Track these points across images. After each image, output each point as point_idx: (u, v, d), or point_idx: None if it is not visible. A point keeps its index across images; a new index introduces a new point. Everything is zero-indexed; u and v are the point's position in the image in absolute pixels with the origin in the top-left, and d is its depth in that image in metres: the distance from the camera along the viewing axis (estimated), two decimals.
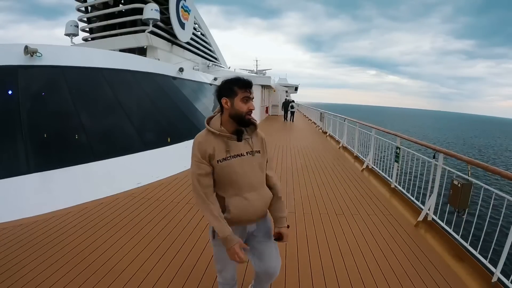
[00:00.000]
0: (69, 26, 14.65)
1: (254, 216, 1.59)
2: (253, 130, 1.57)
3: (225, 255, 1.54)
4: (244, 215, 1.54)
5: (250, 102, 1.47)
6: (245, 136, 1.53)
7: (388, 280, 2.39)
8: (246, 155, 1.51)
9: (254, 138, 1.57)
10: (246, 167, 1.51)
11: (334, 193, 4.67)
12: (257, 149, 1.56)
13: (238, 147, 1.50)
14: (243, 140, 1.51)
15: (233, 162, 1.49)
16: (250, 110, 1.47)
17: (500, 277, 2.36)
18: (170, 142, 6.63)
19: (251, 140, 1.55)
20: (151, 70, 8.51)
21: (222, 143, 1.48)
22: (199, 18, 18.52)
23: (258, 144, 1.58)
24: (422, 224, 3.52)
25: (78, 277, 2.35)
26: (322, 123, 14.56)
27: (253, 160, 1.54)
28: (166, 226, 3.31)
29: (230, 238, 1.46)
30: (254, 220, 1.62)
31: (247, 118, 1.47)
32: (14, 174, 3.98)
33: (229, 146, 1.48)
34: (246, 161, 1.51)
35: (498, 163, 22.50)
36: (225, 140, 1.49)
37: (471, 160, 3.03)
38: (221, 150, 1.47)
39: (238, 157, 1.50)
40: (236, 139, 1.50)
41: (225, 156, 1.47)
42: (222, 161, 1.47)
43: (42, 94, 5.29)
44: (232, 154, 1.49)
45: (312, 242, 3.02)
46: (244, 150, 1.51)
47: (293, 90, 49.63)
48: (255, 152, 1.54)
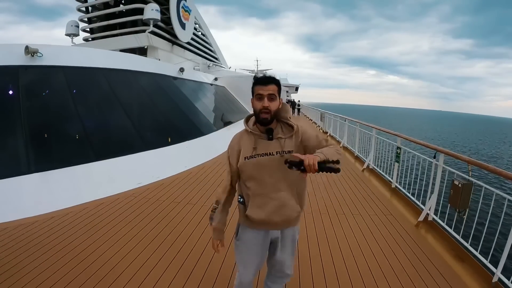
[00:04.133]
0: (70, 26, 14.68)
1: (276, 219, 1.49)
2: (290, 131, 1.49)
3: (241, 257, 1.62)
4: (265, 218, 1.48)
5: (264, 99, 1.40)
6: (279, 135, 1.47)
7: (389, 280, 2.39)
8: (275, 155, 1.45)
9: (289, 139, 1.47)
10: (273, 167, 1.44)
11: (334, 193, 4.67)
12: (290, 149, 1.45)
13: (267, 146, 1.46)
14: (274, 139, 1.46)
15: (259, 161, 1.45)
16: (264, 107, 1.39)
17: (500, 277, 2.35)
18: (170, 142, 6.63)
19: (284, 141, 1.46)
20: (152, 70, 8.53)
21: (251, 141, 1.48)
22: (199, 18, 18.53)
23: (292, 144, 1.46)
24: (422, 224, 3.51)
25: (78, 277, 2.35)
26: (322, 123, 14.56)
27: (282, 161, 1.42)
28: (167, 227, 3.31)
29: (215, 231, 1.62)
30: (276, 225, 1.53)
31: (261, 117, 1.42)
32: (14, 174, 3.98)
33: (256, 144, 1.46)
34: (274, 161, 1.44)
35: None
36: (255, 138, 1.48)
37: (471, 160, 3.02)
38: (248, 148, 1.47)
39: (266, 156, 1.45)
40: (266, 138, 1.46)
41: (251, 154, 1.46)
42: (249, 159, 1.46)
43: (42, 94, 5.30)
44: (260, 153, 1.45)
45: (313, 242, 3.01)
46: (273, 149, 1.45)
47: (294, 90, 49.57)
48: (286, 153, 1.45)
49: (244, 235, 1.58)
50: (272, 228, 1.54)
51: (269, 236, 1.56)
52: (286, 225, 1.55)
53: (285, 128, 1.50)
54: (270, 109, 1.40)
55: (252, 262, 1.60)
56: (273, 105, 1.41)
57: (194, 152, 6.83)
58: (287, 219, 1.52)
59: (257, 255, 1.60)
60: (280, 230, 1.56)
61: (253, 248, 1.57)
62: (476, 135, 50.66)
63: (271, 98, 1.41)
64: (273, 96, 1.41)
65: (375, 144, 6.24)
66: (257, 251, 1.58)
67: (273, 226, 1.53)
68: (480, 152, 28.86)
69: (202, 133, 8.26)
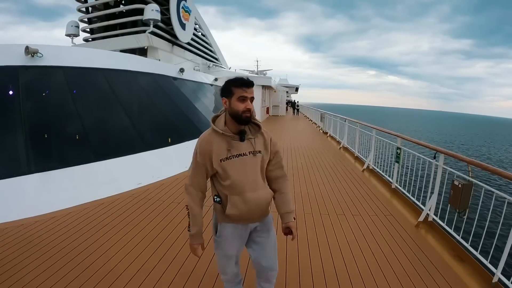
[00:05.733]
0: (70, 27, 14.68)
1: (255, 215, 1.60)
2: (257, 130, 1.59)
3: (223, 252, 1.67)
4: (245, 214, 1.56)
5: (247, 101, 1.48)
6: (248, 136, 1.55)
7: (389, 280, 2.39)
8: (248, 155, 1.53)
9: (258, 139, 1.58)
10: (247, 167, 1.53)
11: (334, 193, 4.67)
12: (259, 149, 1.57)
13: (240, 147, 1.52)
14: (245, 140, 1.54)
15: (235, 162, 1.51)
16: (247, 109, 1.48)
17: (500, 277, 2.35)
18: (170, 142, 6.63)
19: (253, 140, 1.56)
20: (152, 70, 8.52)
21: (224, 142, 1.52)
22: (199, 19, 18.53)
23: (261, 144, 1.59)
24: (422, 225, 3.51)
25: (78, 277, 2.35)
26: (322, 123, 14.56)
27: (255, 160, 1.56)
28: (167, 227, 3.31)
29: (196, 237, 1.61)
30: (255, 219, 1.64)
31: (244, 117, 1.48)
32: (14, 174, 3.98)
33: (231, 146, 1.51)
34: (248, 161, 1.53)
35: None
36: (227, 139, 1.52)
37: (471, 160, 3.02)
38: (222, 150, 1.51)
39: (240, 157, 1.52)
40: (239, 139, 1.52)
41: (227, 155, 1.51)
42: (224, 161, 1.51)
43: (43, 94, 5.30)
44: (234, 154, 1.51)
45: (313, 242, 3.01)
46: (246, 150, 1.53)
47: (294, 90, 49.59)
48: (257, 152, 1.56)
49: (224, 231, 1.64)
50: (251, 222, 1.64)
51: (248, 228, 1.66)
52: (263, 217, 1.66)
53: (252, 128, 1.59)
54: (251, 109, 1.51)
55: (233, 251, 1.68)
56: (252, 105, 1.52)
57: None
58: (263, 213, 1.64)
59: (237, 245, 1.68)
60: (258, 221, 1.67)
61: (234, 240, 1.66)
62: (483, 137, 48.93)
63: (252, 100, 1.51)
64: (253, 98, 1.52)
65: (375, 144, 6.24)
66: (237, 242, 1.67)
67: (253, 220, 1.64)
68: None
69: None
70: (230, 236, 1.64)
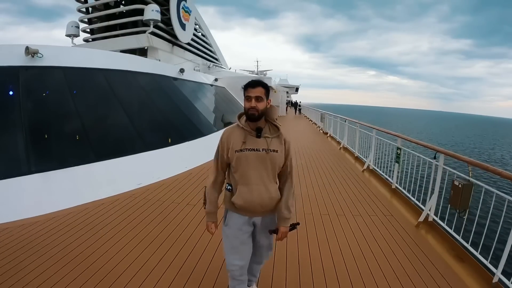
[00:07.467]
0: (70, 27, 14.70)
1: (258, 208, 1.71)
2: (276, 131, 1.72)
3: (229, 240, 1.78)
4: (249, 205, 1.69)
5: (251, 100, 1.62)
6: (266, 134, 1.68)
7: (389, 281, 2.39)
8: (261, 151, 1.66)
9: (274, 139, 1.70)
10: (258, 161, 1.66)
11: (335, 193, 4.67)
12: (275, 148, 1.68)
13: (255, 143, 1.66)
14: (262, 137, 1.66)
15: (247, 155, 1.65)
16: (252, 107, 1.61)
17: (501, 277, 2.35)
18: (170, 142, 6.63)
19: (270, 139, 1.68)
20: (152, 71, 8.53)
21: (242, 136, 1.68)
22: (199, 19, 18.54)
23: (277, 145, 1.70)
24: (423, 225, 3.51)
25: (78, 277, 2.35)
26: (322, 123, 14.56)
27: (267, 157, 1.66)
28: (167, 227, 3.31)
29: (210, 215, 1.81)
30: (258, 213, 1.74)
31: (250, 113, 1.63)
32: (15, 175, 3.99)
33: (246, 139, 1.66)
34: (260, 157, 1.66)
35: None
36: (245, 133, 1.68)
37: (471, 160, 3.02)
38: (239, 142, 1.67)
39: (253, 151, 1.65)
40: (255, 135, 1.66)
41: (241, 147, 1.66)
42: (238, 152, 1.66)
43: (43, 94, 5.30)
44: (248, 147, 1.65)
45: (313, 243, 3.01)
46: (260, 146, 1.66)
47: (294, 91, 49.60)
48: (270, 151, 1.67)
49: (231, 220, 1.78)
50: (253, 215, 1.75)
51: (251, 222, 1.77)
52: (265, 212, 1.77)
53: (271, 129, 1.72)
54: (257, 108, 1.62)
55: (236, 242, 1.78)
56: (260, 105, 1.62)
57: (194, 153, 6.83)
58: (267, 208, 1.74)
59: (241, 237, 1.77)
60: (261, 217, 1.77)
61: (239, 230, 1.76)
62: (486, 137, 47.88)
63: (258, 99, 1.62)
64: (259, 97, 1.62)
65: (375, 144, 6.24)
66: (241, 234, 1.77)
67: (255, 213, 1.74)
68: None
69: (202, 134, 8.26)
70: (235, 226, 1.76)
